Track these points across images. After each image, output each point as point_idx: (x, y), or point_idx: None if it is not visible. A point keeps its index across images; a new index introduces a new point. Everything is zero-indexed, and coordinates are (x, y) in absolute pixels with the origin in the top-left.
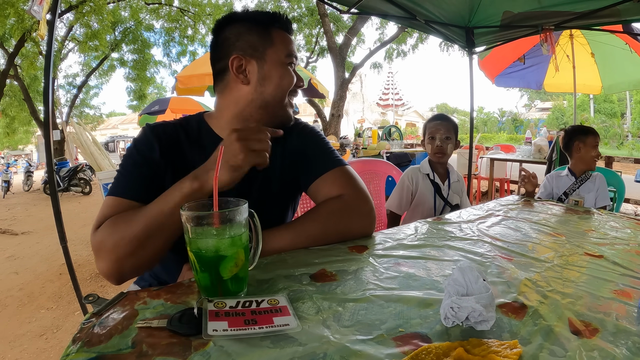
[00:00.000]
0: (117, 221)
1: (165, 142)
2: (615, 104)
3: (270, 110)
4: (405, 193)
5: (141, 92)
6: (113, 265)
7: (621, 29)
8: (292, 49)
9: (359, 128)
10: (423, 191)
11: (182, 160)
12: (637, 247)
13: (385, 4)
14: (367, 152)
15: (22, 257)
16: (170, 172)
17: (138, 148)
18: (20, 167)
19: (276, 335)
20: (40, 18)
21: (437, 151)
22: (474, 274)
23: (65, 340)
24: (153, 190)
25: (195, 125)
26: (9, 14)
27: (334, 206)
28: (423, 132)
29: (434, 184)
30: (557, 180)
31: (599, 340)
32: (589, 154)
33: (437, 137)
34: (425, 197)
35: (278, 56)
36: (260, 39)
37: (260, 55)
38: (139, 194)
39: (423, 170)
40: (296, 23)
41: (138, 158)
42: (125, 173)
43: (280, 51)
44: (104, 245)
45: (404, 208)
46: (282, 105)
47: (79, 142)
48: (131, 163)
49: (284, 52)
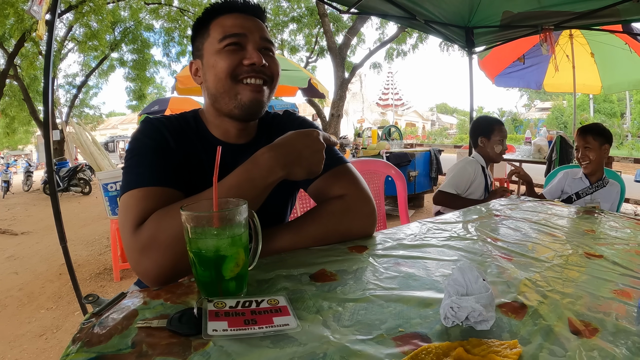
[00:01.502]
0: (169, 215)
1: (173, 131)
2: (615, 104)
3: (219, 101)
4: (465, 180)
5: (141, 92)
6: (167, 262)
7: (621, 29)
8: (229, 28)
9: (359, 128)
10: (480, 181)
11: (192, 150)
12: (637, 247)
13: (385, 4)
14: (367, 152)
15: (21, 257)
16: (184, 161)
17: (148, 135)
18: (20, 167)
19: (276, 335)
20: (40, 18)
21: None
22: (473, 274)
23: (65, 341)
24: (179, 173)
25: (192, 121)
26: (9, 14)
27: (336, 207)
28: (490, 132)
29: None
30: (571, 179)
31: (599, 340)
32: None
33: (505, 141)
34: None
35: (212, 45)
36: (201, 36)
37: (201, 53)
38: (171, 179)
39: (481, 162)
40: (296, 23)
41: (152, 143)
42: (145, 161)
43: (213, 38)
44: (156, 241)
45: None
46: (231, 92)
47: (79, 142)
48: (145, 151)
49: (217, 37)
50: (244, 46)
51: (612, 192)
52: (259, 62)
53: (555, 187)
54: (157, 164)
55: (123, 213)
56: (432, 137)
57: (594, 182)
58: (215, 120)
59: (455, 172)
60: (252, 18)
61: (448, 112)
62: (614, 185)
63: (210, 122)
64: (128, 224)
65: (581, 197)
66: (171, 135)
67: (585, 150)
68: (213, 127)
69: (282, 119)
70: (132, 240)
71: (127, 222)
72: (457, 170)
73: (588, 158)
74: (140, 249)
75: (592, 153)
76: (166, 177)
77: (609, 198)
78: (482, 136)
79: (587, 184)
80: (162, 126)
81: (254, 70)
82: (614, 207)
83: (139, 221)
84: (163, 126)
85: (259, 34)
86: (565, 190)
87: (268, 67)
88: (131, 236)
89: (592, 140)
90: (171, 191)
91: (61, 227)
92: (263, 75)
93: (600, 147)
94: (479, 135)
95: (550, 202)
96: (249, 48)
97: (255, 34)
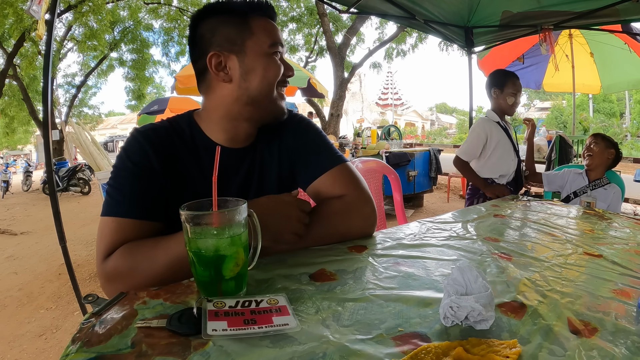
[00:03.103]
0: (133, 252)
1: (160, 148)
2: (615, 104)
3: (259, 106)
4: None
5: (140, 92)
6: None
7: (620, 29)
8: (276, 36)
9: (358, 128)
10: (500, 138)
11: (180, 166)
12: (636, 246)
13: (384, 4)
14: (367, 151)
15: (21, 257)
16: (170, 180)
17: (131, 158)
18: (19, 167)
19: (275, 335)
20: (39, 18)
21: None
22: (473, 274)
23: (64, 341)
24: (158, 203)
25: (187, 127)
26: (8, 13)
27: (335, 207)
28: (503, 84)
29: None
30: (573, 175)
31: (598, 340)
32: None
33: (519, 95)
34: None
35: (260, 46)
36: (238, 30)
37: (240, 49)
38: (145, 211)
39: (493, 118)
40: (295, 23)
41: (134, 169)
42: (123, 188)
43: (262, 41)
44: (120, 274)
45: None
46: (272, 98)
47: (78, 142)
48: (127, 175)
49: (266, 41)
50: (278, 55)
51: (610, 193)
52: (292, 74)
53: (556, 176)
54: (137, 193)
55: (98, 238)
56: (432, 137)
57: (592, 180)
58: (224, 123)
59: (468, 137)
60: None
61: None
62: (613, 187)
63: (211, 125)
64: (99, 252)
65: (578, 195)
66: (156, 154)
67: (591, 145)
68: (215, 130)
69: None
70: (100, 269)
71: (99, 250)
72: (469, 135)
73: (592, 151)
74: (105, 277)
75: (597, 147)
76: (143, 208)
77: (605, 198)
78: (495, 87)
79: (586, 182)
80: (148, 144)
81: (285, 81)
82: (610, 209)
83: (108, 252)
84: (149, 144)
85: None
86: (567, 186)
87: None
88: (99, 264)
89: (601, 141)
90: (145, 224)
91: (60, 227)
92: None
93: (606, 149)
94: (492, 86)
95: (550, 202)
96: (284, 60)
97: (283, 45)
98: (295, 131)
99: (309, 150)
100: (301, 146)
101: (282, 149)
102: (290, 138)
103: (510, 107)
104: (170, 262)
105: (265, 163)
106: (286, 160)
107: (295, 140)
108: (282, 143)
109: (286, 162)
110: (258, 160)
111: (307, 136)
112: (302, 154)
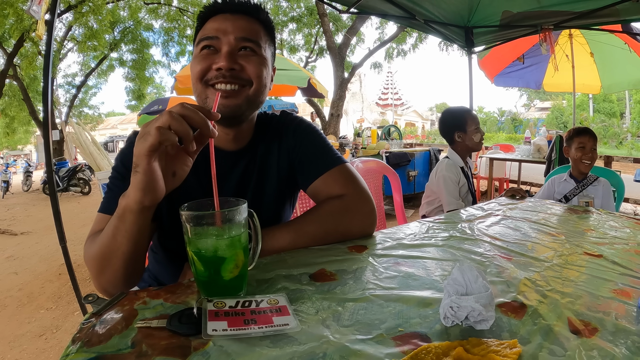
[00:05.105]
0: (93, 239)
1: None
2: (615, 104)
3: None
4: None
5: (140, 92)
6: (94, 281)
7: (620, 29)
8: (205, 32)
9: (358, 128)
10: (462, 183)
11: None
12: (636, 246)
13: (384, 4)
14: (367, 151)
15: (21, 258)
16: None
17: (124, 161)
18: (19, 167)
19: (276, 335)
20: (39, 18)
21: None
22: (473, 274)
23: (64, 341)
24: None
25: None
26: (8, 13)
27: (335, 206)
28: (464, 124)
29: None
30: (558, 184)
31: (599, 340)
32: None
33: (479, 127)
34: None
35: (195, 49)
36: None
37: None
38: None
39: (458, 163)
40: (295, 23)
41: (124, 171)
42: (113, 188)
43: (196, 41)
44: (85, 261)
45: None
46: (201, 96)
47: (78, 142)
48: (117, 177)
49: (197, 41)
50: (218, 49)
51: (599, 188)
52: (224, 65)
53: (546, 194)
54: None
55: None
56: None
57: (580, 181)
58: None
59: (444, 186)
60: (238, 17)
61: None
62: (600, 181)
63: None
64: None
65: (569, 199)
66: None
67: (592, 152)
68: None
69: (279, 120)
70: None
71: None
72: (444, 183)
73: (593, 159)
74: (85, 260)
75: (595, 153)
76: None
77: (598, 194)
78: (458, 131)
79: (574, 184)
80: None
81: (223, 75)
82: (605, 202)
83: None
84: None
85: (234, 35)
86: (556, 196)
87: (243, 70)
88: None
89: (594, 142)
90: None
91: (61, 227)
92: (236, 79)
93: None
94: (455, 131)
95: (550, 202)
96: (222, 51)
97: (229, 35)
98: (295, 132)
99: (308, 151)
100: (301, 147)
101: (282, 151)
102: (290, 139)
103: (477, 143)
104: (106, 241)
105: (265, 164)
106: (285, 161)
107: (294, 142)
108: (281, 144)
109: (285, 163)
110: (257, 161)
111: (306, 137)
112: (301, 155)
